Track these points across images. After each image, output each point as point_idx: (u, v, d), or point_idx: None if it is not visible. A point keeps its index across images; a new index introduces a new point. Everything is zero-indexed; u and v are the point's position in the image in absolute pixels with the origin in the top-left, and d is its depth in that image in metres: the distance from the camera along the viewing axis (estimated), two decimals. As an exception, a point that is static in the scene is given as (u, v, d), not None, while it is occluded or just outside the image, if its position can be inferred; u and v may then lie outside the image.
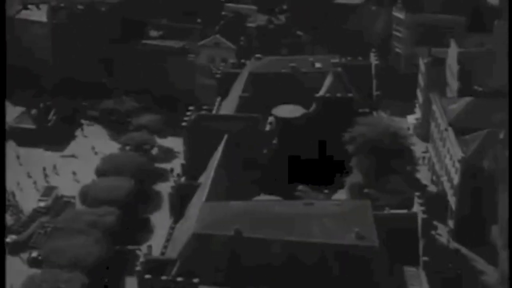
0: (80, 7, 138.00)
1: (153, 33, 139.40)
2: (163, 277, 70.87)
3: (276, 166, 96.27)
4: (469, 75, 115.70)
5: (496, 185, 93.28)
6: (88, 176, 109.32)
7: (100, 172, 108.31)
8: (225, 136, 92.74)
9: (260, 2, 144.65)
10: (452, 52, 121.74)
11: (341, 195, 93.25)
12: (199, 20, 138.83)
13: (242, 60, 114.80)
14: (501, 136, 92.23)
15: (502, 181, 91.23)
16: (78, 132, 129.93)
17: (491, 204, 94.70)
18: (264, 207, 78.97)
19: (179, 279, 70.29)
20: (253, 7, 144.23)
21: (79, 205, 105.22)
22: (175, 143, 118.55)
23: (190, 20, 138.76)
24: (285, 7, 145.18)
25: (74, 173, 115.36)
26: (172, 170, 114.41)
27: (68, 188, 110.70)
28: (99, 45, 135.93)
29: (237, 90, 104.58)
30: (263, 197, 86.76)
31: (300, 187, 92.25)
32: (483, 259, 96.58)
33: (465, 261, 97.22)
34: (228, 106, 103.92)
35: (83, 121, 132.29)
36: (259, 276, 70.36)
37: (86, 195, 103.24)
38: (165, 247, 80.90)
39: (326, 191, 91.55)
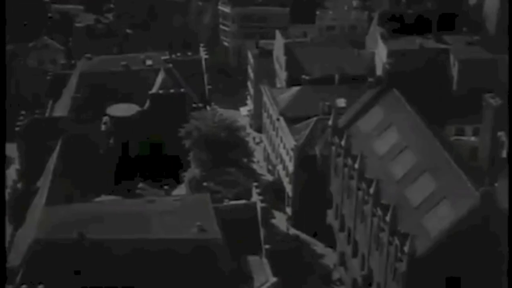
0: None
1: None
2: (9, 286, 69.43)
3: (113, 165, 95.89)
4: (296, 65, 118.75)
5: (329, 170, 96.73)
6: None
7: None
8: (60, 139, 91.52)
9: (86, 1, 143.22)
10: (278, 44, 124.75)
11: (180, 190, 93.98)
12: (25, 23, 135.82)
13: (72, 61, 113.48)
14: (330, 122, 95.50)
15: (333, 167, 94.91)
16: None
17: (325, 189, 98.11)
18: (105, 207, 78.53)
19: (24, 287, 69.06)
20: (80, 7, 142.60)
21: None
22: (9, 149, 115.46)
23: (16, 22, 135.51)
24: (112, 5, 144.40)
25: None
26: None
27: None
28: None
29: (69, 91, 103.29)
30: (103, 197, 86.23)
31: (140, 185, 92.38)
32: (322, 243, 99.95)
33: (305, 246, 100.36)
34: (61, 108, 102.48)
35: None
36: (106, 276, 70.14)
37: None
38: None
39: (166, 187, 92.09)
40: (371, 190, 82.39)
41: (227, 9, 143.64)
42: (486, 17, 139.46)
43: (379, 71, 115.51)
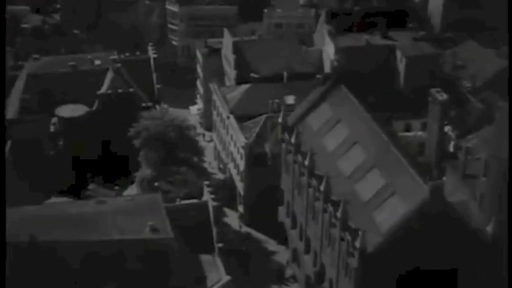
0: None
1: None
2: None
3: (63, 167, 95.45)
4: (244, 63, 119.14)
5: (280, 167, 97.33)
6: None
7: None
8: (9, 142, 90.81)
9: (32, 2, 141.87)
10: (227, 42, 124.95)
11: (132, 190, 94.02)
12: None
13: (20, 62, 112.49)
14: (279, 120, 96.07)
15: (284, 164, 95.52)
16: None
17: (276, 187, 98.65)
18: (56, 209, 78.19)
19: (-26, 291, 68.41)
20: (26, 7, 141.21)
21: None
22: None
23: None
24: (58, 6, 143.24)
25: None
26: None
27: None
28: None
29: (16, 93, 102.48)
30: (54, 199, 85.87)
31: (91, 186, 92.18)
32: (274, 240, 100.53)
33: (257, 244, 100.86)
34: (9, 110, 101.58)
35: None
36: (58, 279, 69.85)
37: None
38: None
39: (116, 187, 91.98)
40: (322, 187, 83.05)
41: (175, 8, 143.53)
42: (431, 13, 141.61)
43: (327, 68, 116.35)
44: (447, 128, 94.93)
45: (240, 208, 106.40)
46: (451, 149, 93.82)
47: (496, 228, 75.06)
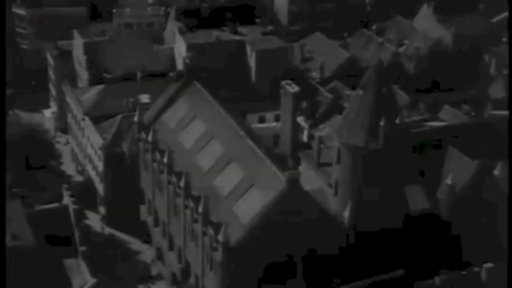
0: None
1: None
2: None
3: None
4: (96, 64, 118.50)
5: (139, 166, 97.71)
6: None
7: None
8: None
9: None
10: (77, 43, 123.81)
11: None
12: None
13: None
14: (135, 119, 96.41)
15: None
16: None
17: (136, 186, 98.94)
18: None
19: None
20: None
21: None
22: None
23: None
24: None
25: None
26: None
27: None
28: None
29: None
30: None
31: None
32: (138, 239, 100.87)
33: (121, 244, 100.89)
34: None
35: None
36: None
37: None
38: None
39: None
40: (181, 183, 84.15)
41: (22, 11, 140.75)
42: (278, 8, 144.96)
43: (179, 66, 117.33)
44: (299, 119, 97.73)
45: (102, 210, 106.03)
46: (305, 139, 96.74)
47: (352, 212, 78.35)
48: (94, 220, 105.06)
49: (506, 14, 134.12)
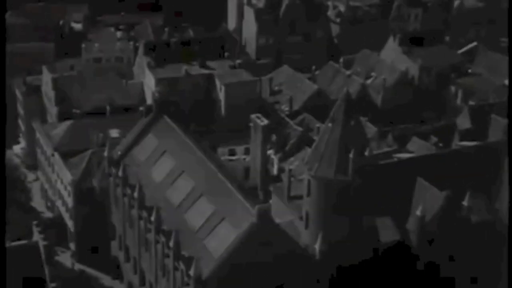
0: None
1: None
2: None
3: None
4: (65, 99, 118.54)
5: (109, 202, 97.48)
6: None
7: None
8: None
9: None
10: (46, 79, 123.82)
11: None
12: None
13: None
14: (105, 154, 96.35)
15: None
16: None
17: (107, 221, 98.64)
18: None
19: None
20: None
21: None
22: None
23: None
24: None
25: None
26: None
27: None
28: None
29: None
30: None
31: None
32: (108, 275, 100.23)
33: (92, 280, 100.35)
34: None
35: None
36: None
37: None
38: None
39: None
40: (152, 218, 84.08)
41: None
42: (246, 41, 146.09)
43: (149, 100, 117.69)
44: (269, 152, 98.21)
45: (72, 246, 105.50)
46: (275, 172, 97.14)
47: (323, 244, 78.65)
48: (65, 257, 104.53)
49: (472, 45, 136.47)
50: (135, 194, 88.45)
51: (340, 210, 78.31)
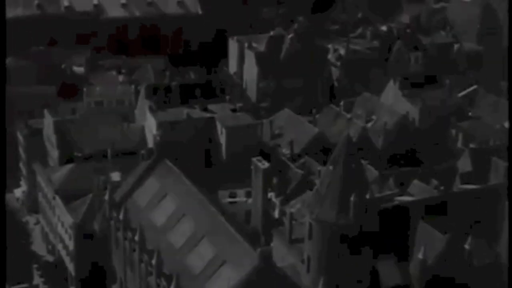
0: None
1: None
2: None
3: None
4: (67, 142, 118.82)
5: (110, 245, 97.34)
6: None
7: None
8: None
9: None
10: (48, 122, 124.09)
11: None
12: None
13: None
14: (106, 197, 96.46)
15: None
16: None
17: (108, 265, 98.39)
18: None
19: None
20: None
21: None
22: None
23: None
24: None
25: None
26: None
27: None
28: None
29: None
30: None
31: None
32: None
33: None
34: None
35: None
36: None
37: None
38: None
39: None
40: (153, 261, 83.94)
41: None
42: (247, 85, 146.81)
43: (150, 143, 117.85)
44: (270, 195, 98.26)
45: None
46: (276, 215, 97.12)
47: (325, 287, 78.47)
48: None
49: (472, 88, 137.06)
50: (136, 238, 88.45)
51: (341, 253, 78.12)
